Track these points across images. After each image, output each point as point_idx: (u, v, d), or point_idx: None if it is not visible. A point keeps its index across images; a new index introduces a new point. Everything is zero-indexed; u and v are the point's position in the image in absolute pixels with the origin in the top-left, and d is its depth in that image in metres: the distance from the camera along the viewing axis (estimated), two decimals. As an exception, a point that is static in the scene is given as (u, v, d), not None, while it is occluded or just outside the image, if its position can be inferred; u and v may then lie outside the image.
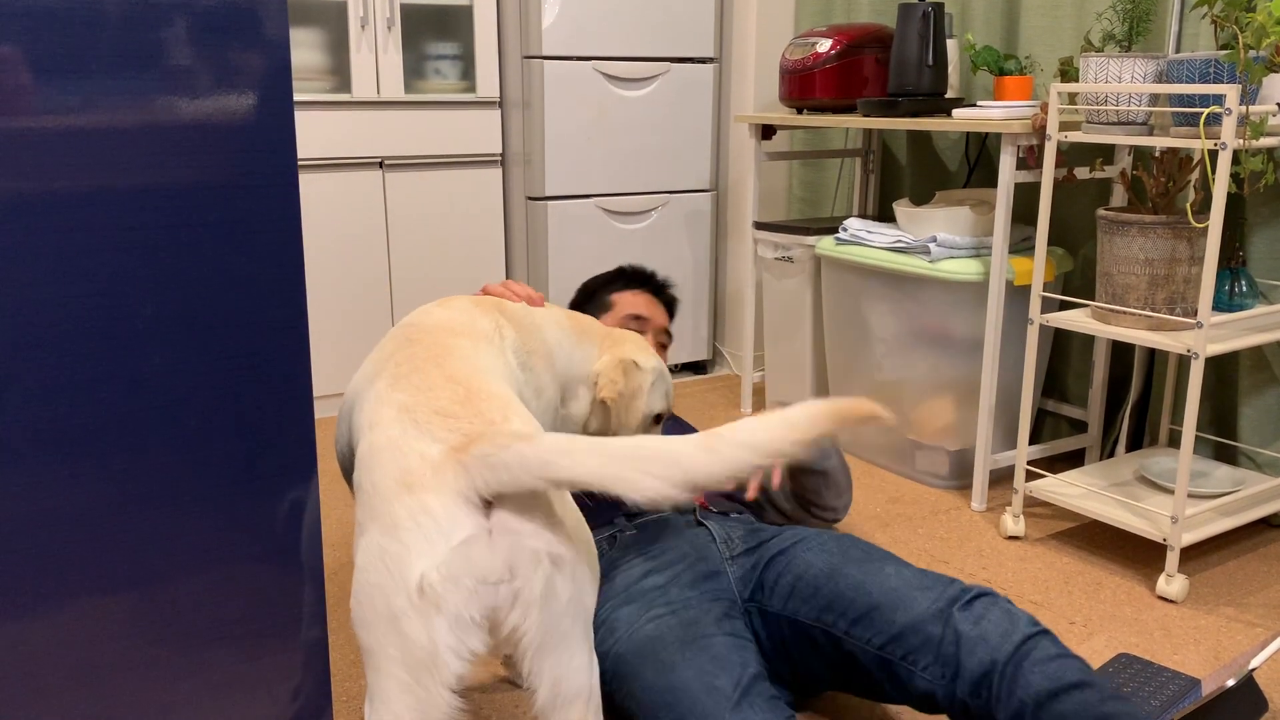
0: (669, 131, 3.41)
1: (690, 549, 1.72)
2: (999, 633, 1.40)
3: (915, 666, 1.44)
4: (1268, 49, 1.87)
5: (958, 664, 1.41)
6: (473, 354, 1.36)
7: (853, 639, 1.52)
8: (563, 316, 1.69)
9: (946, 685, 1.42)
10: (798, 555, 1.66)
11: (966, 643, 1.41)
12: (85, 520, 0.96)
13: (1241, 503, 2.19)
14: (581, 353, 1.67)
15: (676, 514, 1.84)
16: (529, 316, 1.62)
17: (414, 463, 1.10)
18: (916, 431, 2.66)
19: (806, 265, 2.93)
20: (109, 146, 0.91)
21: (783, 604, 1.62)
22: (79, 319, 0.92)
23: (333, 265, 3.11)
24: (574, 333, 1.67)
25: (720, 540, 1.75)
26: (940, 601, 1.47)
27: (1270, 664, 1.82)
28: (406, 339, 1.39)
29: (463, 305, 1.55)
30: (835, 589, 1.56)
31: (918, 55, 2.62)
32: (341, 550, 2.27)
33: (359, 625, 1.10)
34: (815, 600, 1.57)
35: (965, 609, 1.45)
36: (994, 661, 1.38)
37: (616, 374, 1.66)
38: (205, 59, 0.93)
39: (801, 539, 1.70)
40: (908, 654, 1.45)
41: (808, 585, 1.60)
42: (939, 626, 1.44)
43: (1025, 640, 1.39)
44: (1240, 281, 2.19)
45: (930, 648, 1.44)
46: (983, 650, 1.39)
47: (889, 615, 1.49)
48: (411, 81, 3.18)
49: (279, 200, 0.99)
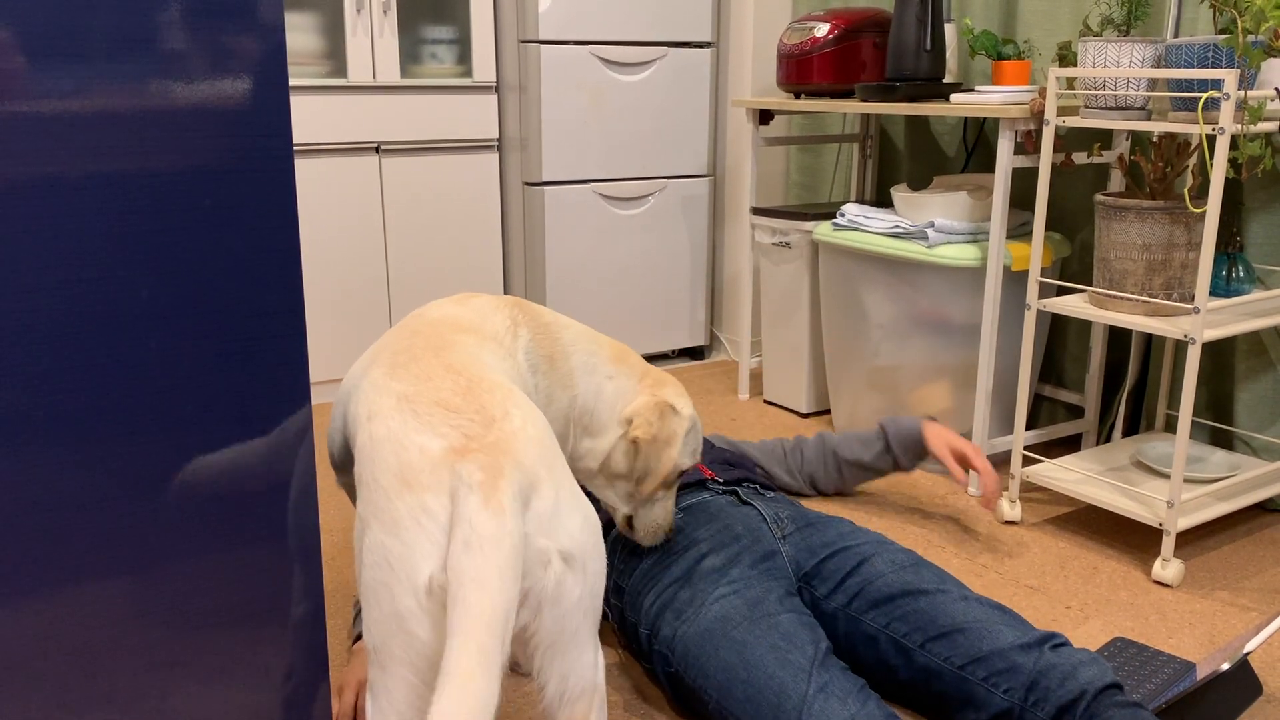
0: (666, 116, 3.40)
1: (744, 529, 1.75)
2: (1090, 674, 1.45)
3: (996, 690, 1.49)
4: (1266, 33, 1.86)
5: (1045, 690, 1.45)
6: (476, 350, 1.35)
7: (929, 654, 1.57)
8: (599, 336, 1.63)
9: (1029, 709, 1.46)
10: (866, 559, 1.70)
11: (1058, 672, 1.46)
12: (80, 505, 0.96)
13: (1237, 487, 2.20)
14: (615, 384, 1.59)
15: (718, 496, 1.86)
16: (555, 322, 1.57)
17: (414, 457, 1.10)
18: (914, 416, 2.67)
19: (804, 251, 2.92)
20: (103, 131, 0.91)
21: (846, 600, 1.67)
22: (74, 304, 0.92)
23: (329, 250, 3.10)
24: (609, 359, 1.60)
25: (771, 520, 1.79)
26: (1028, 638, 1.52)
27: (1265, 647, 1.83)
28: (410, 330, 1.38)
29: (478, 304, 1.51)
30: (913, 605, 1.61)
31: (916, 40, 2.62)
32: (338, 535, 2.27)
33: (365, 622, 1.10)
34: (887, 609, 1.62)
35: (1055, 649, 1.50)
36: (1083, 693, 1.42)
37: (653, 415, 1.58)
38: (200, 43, 0.93)
39: (866, 541, 1.75)
40: (990, 676, 1.50)
41: (878, 592, 1.65)
42: (1028, 658, 1.49)
43: (1113, 685, 1.44)
44: (1237, 267, 2.19)
45: (1017, 674, 1.48)
46: (1072, 684, 1.44)
47: (974, 640, 1.54)
48: (407, 66, 3.17)
49: (275, 185, 0.99)
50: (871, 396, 2.76)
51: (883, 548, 1.73)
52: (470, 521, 1.03)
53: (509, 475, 1.07)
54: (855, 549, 1.72)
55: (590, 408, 1.59)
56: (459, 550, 1.02)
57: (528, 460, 1.11)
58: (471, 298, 1.55)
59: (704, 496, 1.87)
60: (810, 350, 3.02)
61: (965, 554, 2.18)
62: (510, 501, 1.05)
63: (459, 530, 1.03)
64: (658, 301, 3.53)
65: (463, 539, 1.02)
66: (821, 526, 1.79)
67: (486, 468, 1.07)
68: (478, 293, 1.58)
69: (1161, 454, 2.35)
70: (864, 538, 1.76)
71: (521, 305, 1.56)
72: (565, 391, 1.55)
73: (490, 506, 1.04)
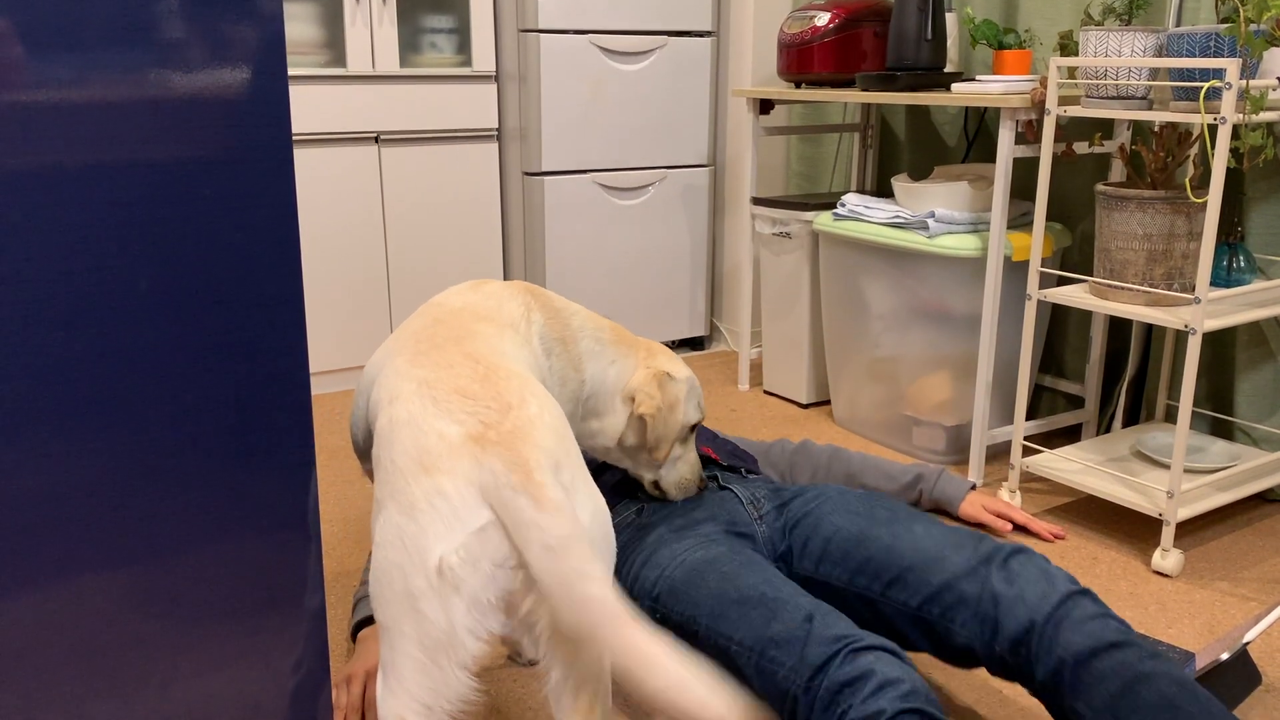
0: (666, 106, 3.39)
1: (720, 511, 1.75)
2: (1037, 593, 1.40)
3: (953, 624, 1.45)
4: (1269, 22, 1.85)
5: (996, 623, 1.41)
6: (496, 339, 1.37)
7: (888, 601, 1.53)
8: (601, 320, 1.69)
9: (985, 642, 1.43)
10: (824, 518, 1.67)
11: (1005, 603, 1.41)
12: (81, 496, 0.96)
13: (1237, 478, 2.20)
14: (617, 367, 1.65)
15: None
16: (565, 307, 1.62)
17: (432, 442, 1.12)
18: (914, 407, 2.67)
19: (804, 241, 2.92)
20: (101, 120, 0.90)
21: (814, 567, 1.64)
22: (72, 294, 0.92)
23: (328, 240, 3.10)
24: (611, 342, 1.66)
25: (747, 501, 1.78)
26: (974, 559, 1.48)
27: (1264, 637, 1.83)
28: (433, 319, 1.41)
29: (493, 290, 1.55)
30: (866, 553, 1.57)
31: (917, 29, 2.61)
32: (339, 525, 2.27)
33: (377, 601, 1.11)
34: (846, 564, 1.59)
35: (1001, 568, 1.45)
36: (1032, 621, 1.38)
37: (652, 388, 1.65)
38: (198, 32, 0.93)
39: (825, 498, 1.72)
40: (944, 611, 1.46)
41: (837, 549, 1.61)
42: (975, 585, 1.45)
43: (1064, 600, 1.39)
44: (1238, 257, 2.19)
45: (968, 605, 1.44)
46: (1021, 610, 1.39)
47: (923, 575, 1.50)
48: (407, 55, 3.16)
49: (274, 175, 0.98)
50: (871, 387, 2.76)
51: (840, 498, 1.70)
52: (539, 525, 1.04)
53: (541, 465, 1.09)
54: (814, 511, 1.70)
55: (596, 390, 1.64)
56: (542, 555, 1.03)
57: (546, 446, 1.13)
58: (484, 284, 1.58)
59: None
60: (810, 341, 3.01)
61: (965, 544, 2.18)
62: (558, 493, 1.07)
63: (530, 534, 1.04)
64: (658, 292, 3.53)
65: (541, 544, 1.03)
66: (793, 499, 1.77)
67: (516, 465, 1.08)
68: (488, 279, 1.61)
69: (1161, 444, 2.35)
70: (824, 495, 1.73)
71: (533, 291, 1.60)
72: (576, 374, 1.60)
73: (546, 505, 1.05)
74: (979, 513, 2.23)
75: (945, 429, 2.62)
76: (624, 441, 1.68)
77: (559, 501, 1.06)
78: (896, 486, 2.30)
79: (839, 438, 2.81)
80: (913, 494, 2.29)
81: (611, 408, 1.65)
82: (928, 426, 2.65)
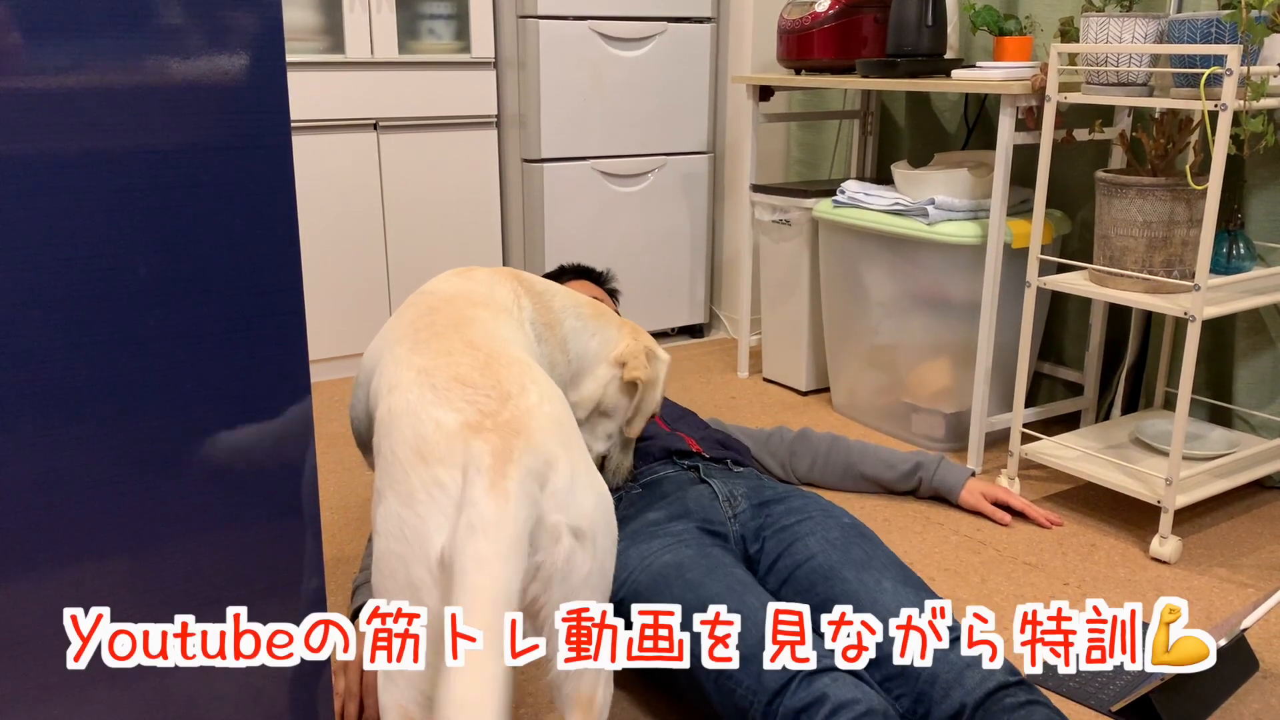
0: (666, 92, 3.38)
1: (695, 505, 1.74)
2: (975, 679, 1.38)
3: (890, 693, 1.44)
4: (1270, 8, 1.85)
5: (930, 703, 1.41)
6: (494, 325, 1.38)
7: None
8: (578, 296, 1.70)
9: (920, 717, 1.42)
10: (801, 539, 1.65)
11: (941, 685, 1.40)
12: (80, 482, 0.96)
13: (1236, 465, 2.20)
14: (597, 340, 1.67)
15: (680, 471, 1.85)
16: (547, 290, 1.63)
17: (429, 431, 1.12)
18: (913, 394, 2.67)
19: (804, 228, 2.92)
20: (99, 107, 0.90)
21: (778, 586, 1.63)
22: (71, 281, 0.92)
23: (327, 227, 3.09)
24: (591, 317, 1.67)
25: (724, 498, 1.77)
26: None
27: (1261, 624, 1.84)
28: (428, 306, 1.41)
29: (482, 276, 1.56)
30: (829, 592, 1.55)
31: (917, 15, 2.60)
32: (338, 512, 2.27)
33: (378, 590, 1.11)
34: (808, 596, 1.57)
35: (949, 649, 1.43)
36: (964, 705, 1.37)
37: (643, 359, 1.67)
38: (196, 18, 0.92)
39: (807, 517, 1.69)
40: (886, 680, 1.44)
41: (804, 578, 1.60)
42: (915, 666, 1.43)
43: (999, 689, 1.37)
44: (1238, 244, 2.19)
45: (908, 680, 1.43)
46: (956, 694, 1.38)
47: None
48: (405, 42, 3.15)
49: (272, 162, 0.98)
50: (871, 374, 2.76)
51: (823, 521, 1.67)
52: (475, 504, 1.05)
53: (518, 459, 1.09)
54: (793, 528, 1.67)
55: (579, 369, 1.65)
56: (464, 533, 1.04)
57: (542, 437, 1.13)
58: (473, 270, 1.58)
59: (667, 471, 1.85)
60: (810, 328, 3.01)
61: (962, 531, 2.19)
62: (516, 486, 1.07)
63: (465, 513, 1.05)
64: (657, 279, 3.53)
65: (467, 522, 1.04)
66: (774, 503, 1.75)
67: (497, 451, 1.08)
68: (475, 266, 1.61)
69: (1160, 431, 2.35)
70: (807, 512, 1.70)
71: (519, 276, 1.60)
72: (563, 356, 1.61)
73: (495, 491, 1.06)
74: (978, 500, 2.24)
75: (944, 416, 2.62)
76: (602, 405, 1.67)
77: (508, 492, 1.06)
78: (896, 474, 2.30)
79: (838, 425, 2.81)
80: (912, 482, 2.30)
81: (593, 373, 1.66)
82: (927, 414, 2.65)
